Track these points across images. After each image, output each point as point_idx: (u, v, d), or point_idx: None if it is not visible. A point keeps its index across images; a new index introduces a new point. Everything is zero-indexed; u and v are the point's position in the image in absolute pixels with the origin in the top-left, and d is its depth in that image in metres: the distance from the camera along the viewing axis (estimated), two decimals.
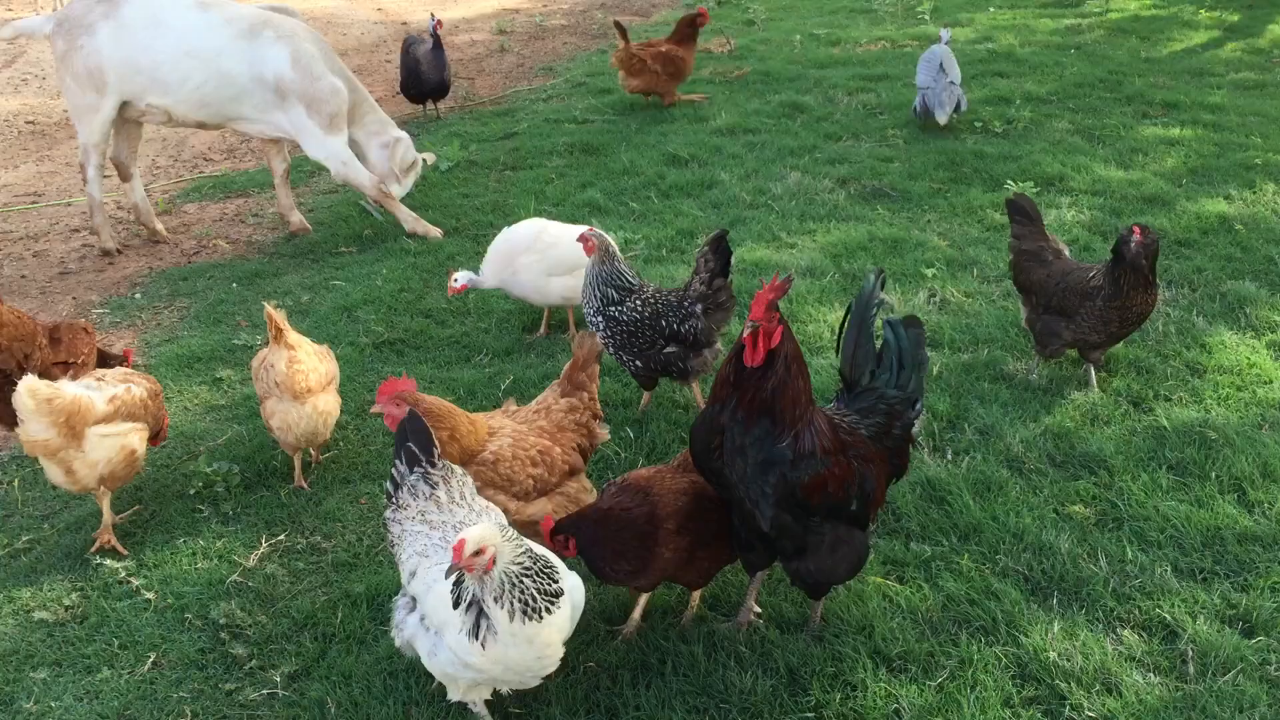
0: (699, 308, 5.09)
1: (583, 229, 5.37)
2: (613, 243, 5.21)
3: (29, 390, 4.26)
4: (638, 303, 5.11)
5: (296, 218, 8.11)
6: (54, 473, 4.48)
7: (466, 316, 6.52)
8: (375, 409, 3.90)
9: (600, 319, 5.13)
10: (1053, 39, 12.59)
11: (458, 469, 3.64)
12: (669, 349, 5.10)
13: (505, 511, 3.78)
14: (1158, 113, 9.77)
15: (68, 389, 4.40)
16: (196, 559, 4.52)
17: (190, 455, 5.25)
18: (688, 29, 10.32)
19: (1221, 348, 5.72)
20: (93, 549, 4.58)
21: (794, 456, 3.45)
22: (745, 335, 3.44)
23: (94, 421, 4.42)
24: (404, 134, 8.05)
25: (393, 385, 3.87)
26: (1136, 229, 5.17)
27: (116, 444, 4.51)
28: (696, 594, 4.02)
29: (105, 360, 5.33)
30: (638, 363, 5.16)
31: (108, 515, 4.63)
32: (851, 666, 3.74)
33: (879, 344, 3.95)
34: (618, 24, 10.50)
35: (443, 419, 3.85)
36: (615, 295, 5.11)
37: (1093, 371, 5.45)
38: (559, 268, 5.89)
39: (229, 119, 7.60)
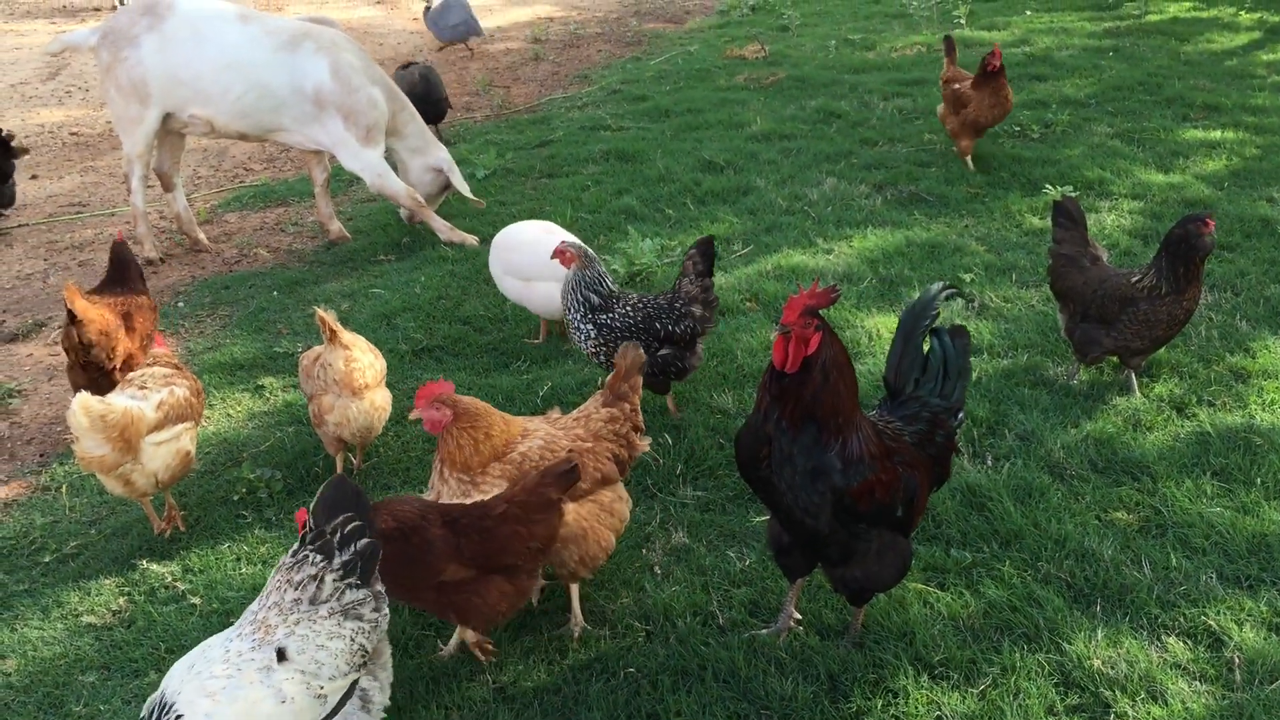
0: (696, 307, 5.20)
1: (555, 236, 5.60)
2: (589, 249, 5.30)
3: (83, 408, 4.29)
4: (628, 308, 5.21)
5: (336, 226, 8.19)
6: (113, 485, 4.56)
7: (505, 323, 6.56)
8: (414, 415, 3.94)
9: (590, 326, 5.19)
10: (1090, 42, 12.50)
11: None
12: (664, 351, 5.19)
13: None
14: (1198, 115, 9.68)
15: (118, 402, 4.44)
16: (240, 564, 4.57)
17: (234, 462, 5.31)
18: (981, 73, 8.26)
19: (1265, 352, 5.65)
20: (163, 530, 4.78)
21: (843, 464, 3.44)
22: (775, 338, 3.44)
23: (147, 431, 4.49)
24: (447, 156, 8.08)
25: (430, 390, 3.92)
26: (1208, 219, 5.07)
27: (171, 449, 4.59)
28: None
29: None
30: None
31: (153, 514, 4.80)
32: (893, 673, 3.73)
33: (932, 353, 3.90)
34: (948, 39, 8.93)
35: (479, 418, 3.92)
36: (598, 301, 5.19)
37: (1134, 377, 5.40)
38: (514, 271, 6.11)
39: (268, 130, 7.69)
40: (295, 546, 3.16)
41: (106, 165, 10.53)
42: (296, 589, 3.07)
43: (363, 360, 4.92)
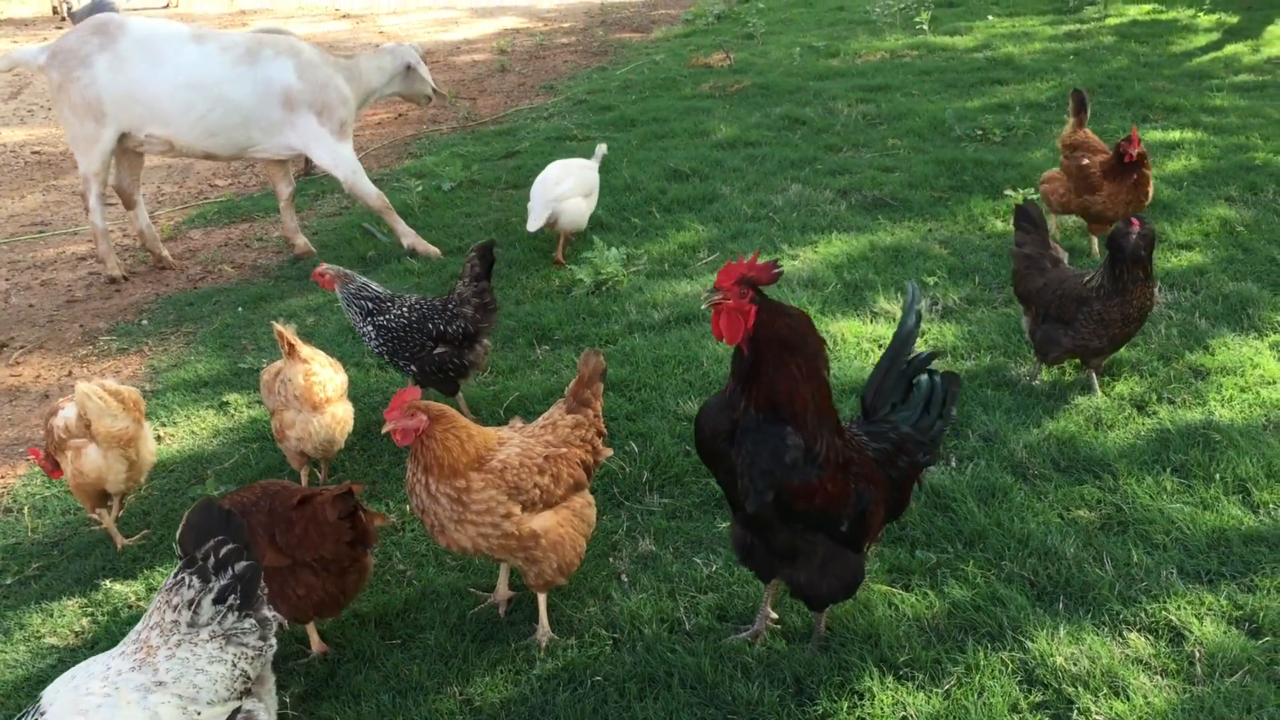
0: (468, 309, 5.42)
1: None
2: (345, 270, 5.56)
3: (96, 390, 4.54)
4: (404, 309, 5.42)
5: (301, 241, 8.16)
6: (117, 470, 4.67)
7: None
8: (387, 428, 3.83)
9: (369, 328, 5.43)
10: (1052, 45, 12.62)
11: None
12: (439, 350, 5.40)
13: (508, 518, 3.80)
14: (1158, 116, 9.79)
15: (108, 384, 4.68)
16: None
17: (197, 479, 5.28)
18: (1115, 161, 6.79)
19: (1224, 349, 5.72)
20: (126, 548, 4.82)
21: (793, 453, 3.41)
22: (710, 306, 3.40)
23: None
24: (410, 48, 8.40)
25: (401, 398, 3.87)
26: (1135, 220, 5.18)
27: (149, 431, 4.89)
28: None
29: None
30: (413, 366, 5.44)
31: (115, 531, 4.83)
32: (858, 675, 3.75)
33: (917, 384, 3.86)
34: (1077, 94, 7.52)
35: (457, 417, 3.86)
36: (371, 306, 5.43)
37: (1094, 377, 5.45)
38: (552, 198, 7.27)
39: (240, 148, 7.66)
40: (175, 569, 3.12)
41: (69, 184, 10.46)
42: (176, 611, 3.02)
43: (322, 374, 4.93)
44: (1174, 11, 13.96)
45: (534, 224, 7.27)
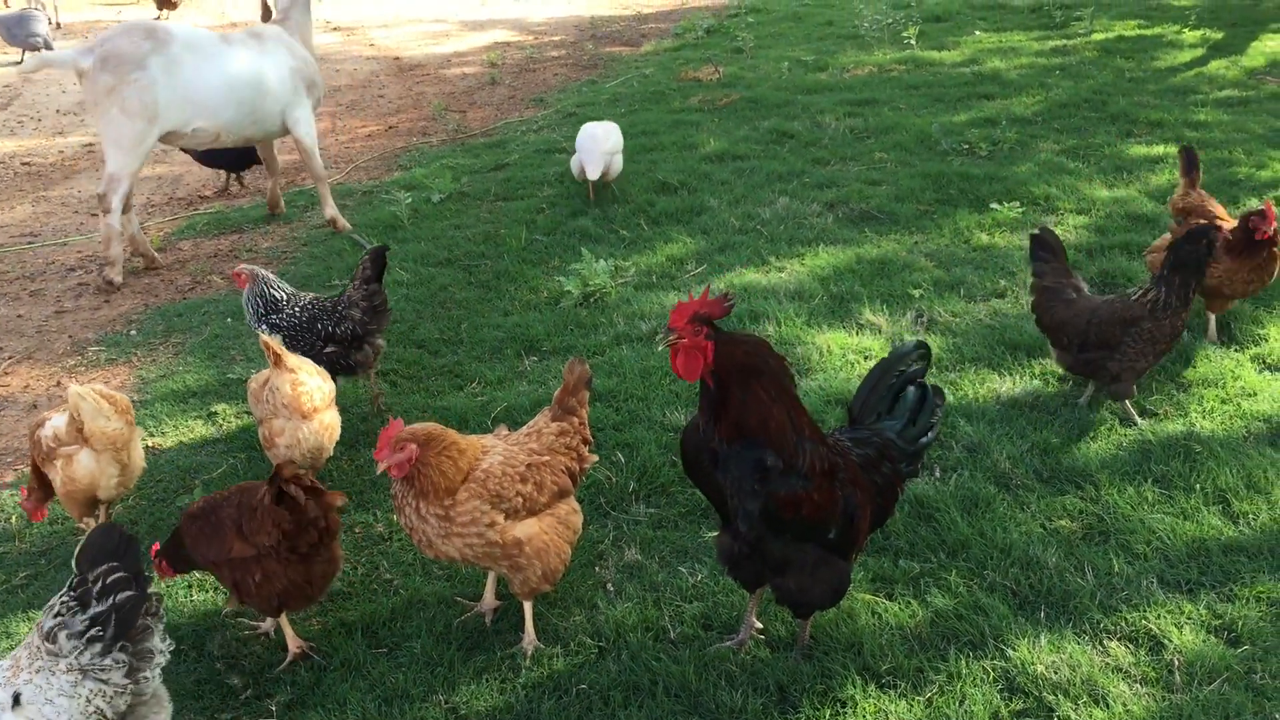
0: (356, 311, 5.60)
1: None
2: (262, 271, 5.73)
3: (88, 392, 4.59)
4: (296, 309, 5.61)
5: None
6: (110, 474, 4.71)
7: (459, 346, 6.58)
8: (381, 467, 3.80)
9: (265, 326, 5.58)
10: (1038, 60, 12.72)
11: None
12: (329, 349, 5.58)
13: (492, 526, 3.83)
14: (1142, 131, 9.87)
15: (99, 388, 4.75)
16: (191, 591, 4.56)
17: (185, 489, 5.29)
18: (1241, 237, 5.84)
19: (1205, 361, 5.78)
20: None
21: (778, 469, 3.46)
22: (667, 346, 3.46)
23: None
24: None
25: (387, 434, 3.83)
26: (1222, 227, 5.15)
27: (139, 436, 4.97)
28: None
29: None
30: None
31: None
32: (841, 683, 3.78)
33: (904, 396, 3.94)
34: (1187, 152, 6.64)
35: (445, 437, 3.86)
36: (264, 306, 5.62)
37: (1128, 405, 5.34)
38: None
39: (271, 129, 8.47)
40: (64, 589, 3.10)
41: (59, 195, 10.47)
42: (45, 636, 2.99)
43: (310, 383, 4.96)
44: (1159, 27, 14.09)
45: (595, 173, 8.58)
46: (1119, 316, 5.20)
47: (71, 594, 3.06)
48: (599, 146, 8.59)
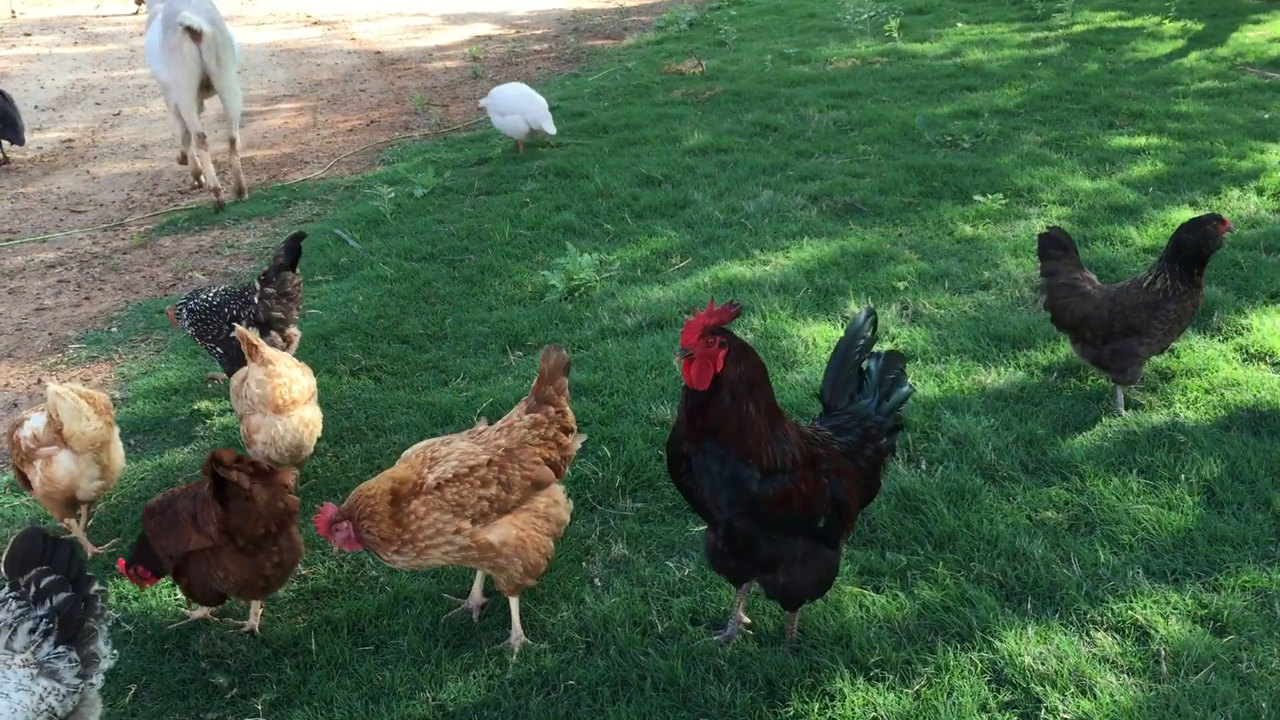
0: (256, 296, 5.70)
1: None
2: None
3: (67, 392, 4.52)
4: (209, 295, 5.76)
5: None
6: (90, 475, 4.66)
7: (444, 341, 6.55)
8: (336, 549, 3.96)
9: (184, 312, 5.75)
10: (1020, 52, 12.74)
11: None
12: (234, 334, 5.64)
13: (459, 533, 3.83)
14: (1124, 122, 9.90)
15: (78, 388, 4.67)
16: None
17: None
18: None
19: (1189, 351, 5.80)
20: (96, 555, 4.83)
21: (760, 471, 3.49)
22: (681, 361, 3.51)
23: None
24: None
25: (321, 521, 3.89)
26: (1224, 219, 5.15)
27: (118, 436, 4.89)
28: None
29: None
30: (219, 349, 5.70)
31: (84, 539, 4.83)
32: (829, 676, 3.78)
33: (868, 370, 3.96)
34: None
35: (373, 498, 3.85)
36: (188, 295, 5.84)
37: (1121, 393, 5.37)
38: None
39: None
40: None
41: (38, 191, 10.39)
42: None
43: (286, 375, 4.89)
44: (1140, 19, 14.13)
45: (552, 127, 9.83)
46: (1142, 301, 5.23)
47: (11, 595, 3.06)
48: (543, 103, 9.74)
